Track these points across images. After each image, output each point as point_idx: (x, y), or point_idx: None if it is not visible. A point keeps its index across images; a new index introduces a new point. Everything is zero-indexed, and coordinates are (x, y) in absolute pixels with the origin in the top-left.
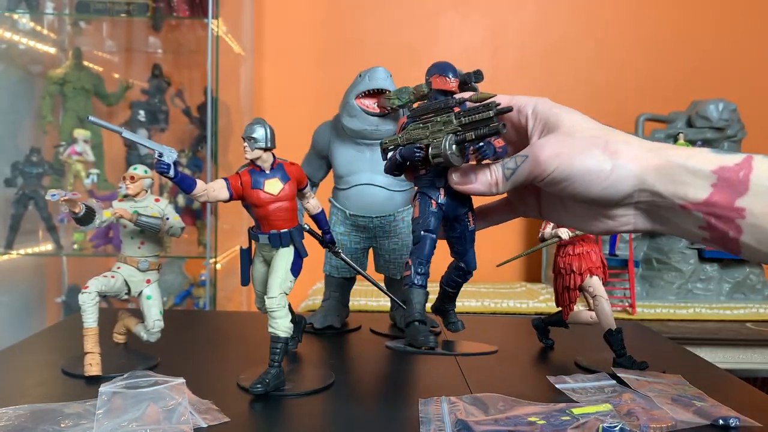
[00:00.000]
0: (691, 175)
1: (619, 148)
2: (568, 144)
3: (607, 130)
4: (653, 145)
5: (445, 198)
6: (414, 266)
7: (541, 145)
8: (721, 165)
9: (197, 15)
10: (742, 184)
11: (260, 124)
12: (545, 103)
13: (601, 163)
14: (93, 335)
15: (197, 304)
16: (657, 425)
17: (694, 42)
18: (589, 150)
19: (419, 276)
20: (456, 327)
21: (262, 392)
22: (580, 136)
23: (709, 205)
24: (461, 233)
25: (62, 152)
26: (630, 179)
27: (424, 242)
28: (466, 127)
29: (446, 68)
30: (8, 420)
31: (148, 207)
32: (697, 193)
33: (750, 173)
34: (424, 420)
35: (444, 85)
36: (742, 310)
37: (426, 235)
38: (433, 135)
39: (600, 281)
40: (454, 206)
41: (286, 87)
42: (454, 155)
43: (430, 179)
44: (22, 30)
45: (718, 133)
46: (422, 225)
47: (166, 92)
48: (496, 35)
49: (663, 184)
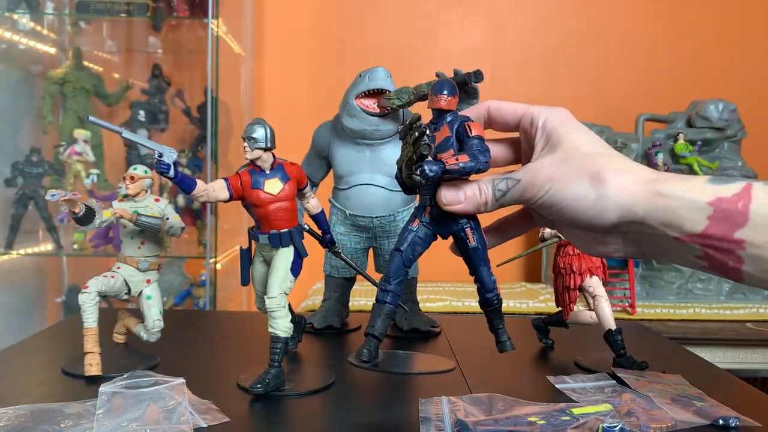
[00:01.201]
0: (685, 208)
1: (609, 177)
2: (561, 169)
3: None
4: (649, 176)
5: (429, 216)
6: (381, 283)
7: (534, 169)
8: (718, 196)
9: (197, 15)
10: (741, 215)
11: (260, 124)
12: (556, 118)
13: (586, 192)
14: (93, 335)
15: (197, 304)
16: (657, 425)
17: (694, 42)
18: (578, 178)
19: (384, 293)
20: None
21: (262, 392)
22: (575, 162)
23: (706, 237)
24: (464, 252)
25: (62, 152)
26: (615, 210)
27: (392, 259)
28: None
29: (441, 86)
30: (8, 420)
31: (148, 207)
32: (693, 226)
33: (749, 203)
34: (424, 420)
35: (434, 104)
36: (742, 310)
37: (395, 253)
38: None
39: (600, 281)
40: (444, 224)
41: (286, 87)
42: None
43: (422, 197)
44: (22, 30)
45: (718, 133)
46: (397, 243)
47: (166, 92)
48: (496, 35)
49: (654, 217)
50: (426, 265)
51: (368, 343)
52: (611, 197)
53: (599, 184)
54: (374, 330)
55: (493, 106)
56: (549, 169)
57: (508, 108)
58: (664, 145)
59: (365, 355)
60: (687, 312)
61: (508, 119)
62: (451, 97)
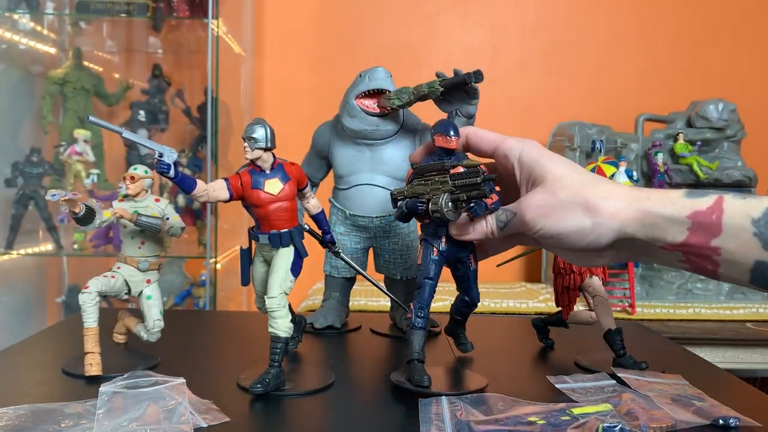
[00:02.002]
0: (668, 223)
1: (599, 204)
2: (552, 203)
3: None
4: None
5: (446, 245)
6: (415, 310)
7: (528, 205)
8: (694, 210)
9: (197, 15)
10: (715, 226)
11: (260, 124)
12: (531, 150)
13: (582, 222)
14: (93, 335)
15: (197, 304)
16: (657, 425)
17: (695, 42)
18: (572, 211)
19: (419, 319)
20: (465, 348)
21: (262, 392)
22: (563, 195)
23: (687, 246)
24: (464, 273)
25: (62, 152)
26: (610, 234)
27: (424, 288)
28: (459, 189)
29: (448, 126)
30: (8, 420)
31: (148, 207)
32: (674, 237)
33: (722, 215)
34: (424, 420)
35: (446, 144)
36: (742, 310)
37: (426, 281)
38: (433, 192)
39: (600, 281)
40: (455, 251)
41: (286, 87)
42: (450, 212)
43: (433, 228)
44: (22, 30)
45: (718, 133)
46: (423, 272)
47: (166, 92)
48: (496, 35)
49: (642, 233)
50: None
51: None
52: (605, 224)
53: (592, 213)
54: (418, 355)
55: (471, 135)
56: (540, 205)
57: (484, 138)
58: (664, 145)
59: (426, 381)
60: (687, 312)
61: (484, 148)
62: (458, 138)
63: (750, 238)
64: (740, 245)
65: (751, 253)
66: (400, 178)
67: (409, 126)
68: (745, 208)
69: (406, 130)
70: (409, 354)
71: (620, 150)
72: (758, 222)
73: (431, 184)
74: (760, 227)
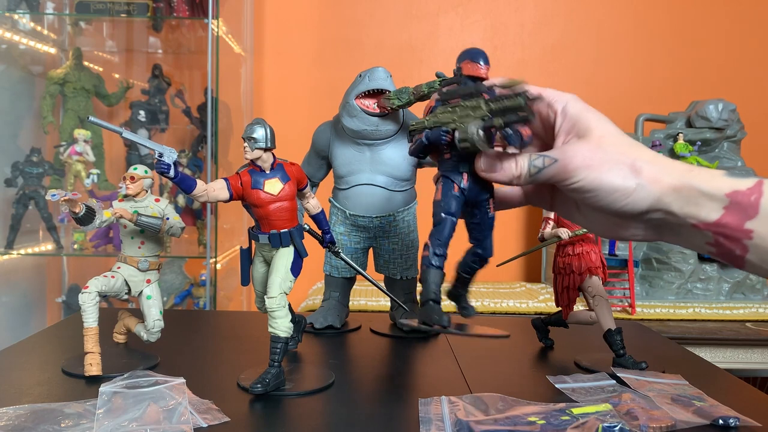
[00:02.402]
0: (705, 198)
1: (644, 167)
2: (598, 157)
3: (634, 145)
4: (675, 167)
5: (468, 183)
6: (432, 247)
7: (573, 153)
8: (734, 189)
9: (197, 15)
10: (752, 207)
11: (260, 124)
12: (576, 103)
13: (626, 181)
14: (93, 335)
15: (197, 304)
16: (657, 425)
17: (695, 42)
18: (618, 166)
19: (437, 257)
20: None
21: (262, 392)
22: (611, 150)
23: (720, 225)
24: (481, 219)
25: (63, 152)
26: (649, 199)
27: (444, 224)
28: (495, 114)
29: (478, 54)
30: (8, 420)
31: (148, 207)
32: (709, 214)
33: (760, 197)
34: (424, 420)
35: (475, 71)
36: (742, 310)
37: (446, 217)
38: (461, 120)
39: (600, 281)
40: (476, 192)
41: (286, 87)
42: (481, 141)
43: (455, 163)
44: (22, 30)
45: (718, 133)
46: (443, 207)
47: (166, 92)
48: (496, 35)
49: (678, 205)
50: None
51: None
52: (647, 187)
53: (637, 174)
54: (435, 295)
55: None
56: (586, 155)
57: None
58: (664, 145)
59: (446, 320)
60: (687, 312)
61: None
62: (488, 66)
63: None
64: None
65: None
66: (400, 177)
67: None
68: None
69: (406, 130)
70: (424, 294)
71: None
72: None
73: (459, 110)
74: None
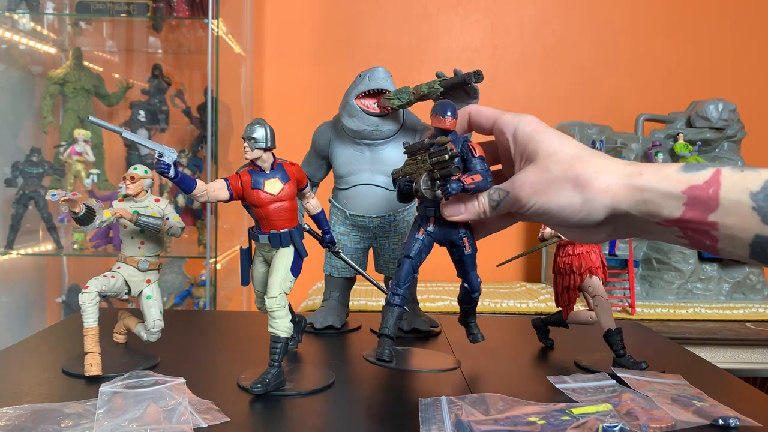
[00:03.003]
0: (663, 198)
1: (590, 180)
2: (544, 179)
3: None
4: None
5: (433, 226)
6: (392, 287)
7: (521, 182)
8: (690, 185)
9: (197, 15)
10: (712, 200)
11: (260, 124)
12: (526, 126)
13: (572, 199)
14: (93, 335)
15: (197, 304)
16: (657, 425)
17: (695, 42)
18: (562, 186)
19: (396, 296)
20: (474, 339)
21: (262, 392)
22: (555, 170)
23: (684, 221)
24: (459, 257)
25: (62, 152)
26: (602, 209)
27: (402, 266)
28: (435, 166)
29: (445, 108)
30: (8, 420)
31: (148, 207)
32: (671, 212)
33: (719, 189)
34: (424, 420)
35: (439, 124)
36: (742, 310)
37: (405, 260)
38: (418, 171)
39: (600, 281)
40: (443, 232)
41: (286, 87)
42: (428, 190)
43: (423, 208)
44: (22, 30)
45: (718, 133)
46: (405, 250)
47: (166, 92)
48: (496, 35)
49: (637, 209)
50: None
51: (385, 343)
52: (596, 200)
53: (582, 189)
54: (388, 331)
55: (473, 113)
56: (533, 182)
57: (482, 114)
58: (664, 145)
59: (387, 355)
60: (687, 312)
61: (484, 125)
62: (455, 118)
63: (748, 212)
64: (738, 220)
65: (750, 227)
66: None
67: (409, 126)
68: (743, 182)
69: (406, 130)
70: (381, 329)
71: (620, 150)
72: (757, 195)
73: (416, 163)
74: (758, 201)
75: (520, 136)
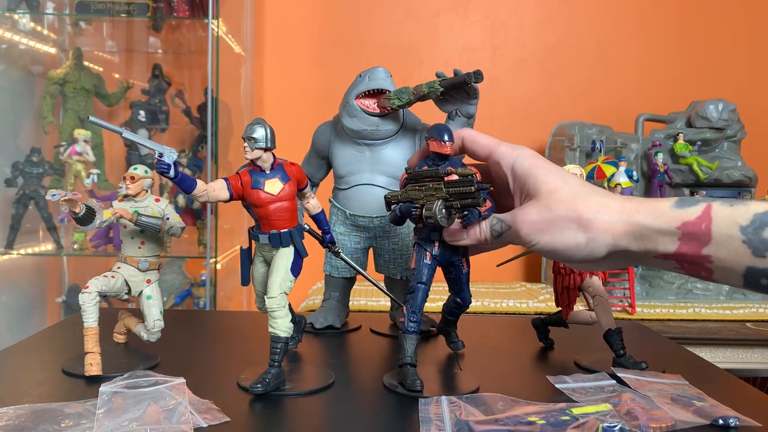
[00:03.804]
0: (658, 235)
1: (592, 219)
2: (547, 218)
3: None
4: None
5: (439, 250)
6: (408, 314)
7: (522, 219)
8: (683, 220)
9: (197, 15)
10: (704, 235)
11: (260, 124)
12: (523, 161)
13: (577, 238)
14: (93, 335)
15: (197, 304)
16: (657, 425)
17: (695, 42)
18: (566, 225)
19: (412, 323)
20: (456, 346)
21: (262, 392)
22: (558, 209)
23: (679, 255)
24: (456, 275)
25: (63, 152)
26: (604, 247)
27: (417, 293)
28: (453, 196)
29: (442, 131)
30: (8, 420)
31: (149, 207)
32: (666, 248)
33: (711, 224)
34: (424, 420)
35: (439, 149)
36: (742, 310)
37: (419, 286)
38: (427, 198)
39: (600, 281)
40: (448, 255)
41: (286, 87)
42: (444, 218)
43: (427, 233)
44: (22, 30)
45: (718, 133)
46: (416, 277)
47: (166, 92)
48: (496, 35)
49: (635, 245)
50: None
51: (410, 372)
52: (598, 238)
53: (585, 228)
54: (411, 359)
55: (467, 139)
56: (536, 220)
57: (478, 143)
58: (664, 145)
59: (419, 385)
60: (687, 312)
61: (479, 153)
62: (452, 143)
63: (739, 245)
64: (730, 253)
65: (741, 260)
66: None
67: (409, 126)
68: (733, 216)
69: (406, 130)
70: (401, 358)
71: (620, 150)
72: (746, 229)
73: (425, 190)
74: (748, 234)
75: (519, 171)
